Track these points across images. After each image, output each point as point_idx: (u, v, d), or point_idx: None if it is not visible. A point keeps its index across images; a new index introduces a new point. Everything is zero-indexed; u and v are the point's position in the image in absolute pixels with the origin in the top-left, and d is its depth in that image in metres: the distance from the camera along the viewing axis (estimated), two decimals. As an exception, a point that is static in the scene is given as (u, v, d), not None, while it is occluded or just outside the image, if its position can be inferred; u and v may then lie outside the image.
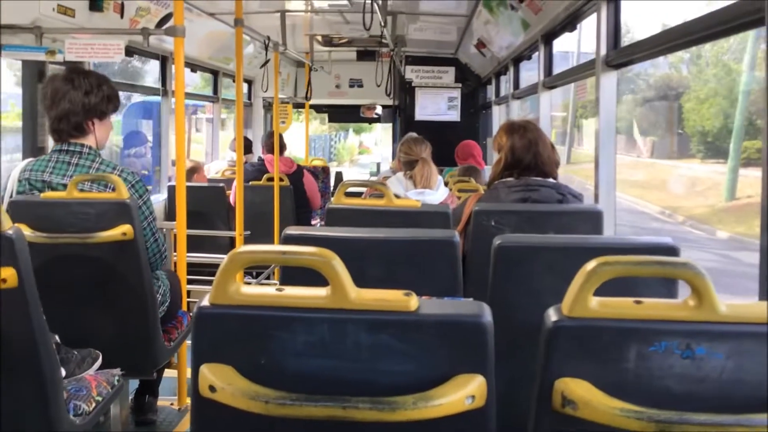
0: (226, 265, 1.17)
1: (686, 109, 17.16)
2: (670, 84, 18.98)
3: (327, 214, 2.71)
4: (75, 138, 2.78)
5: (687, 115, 17.06)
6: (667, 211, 14.83)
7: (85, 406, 2.15)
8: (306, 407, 1.12)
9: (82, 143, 2.78)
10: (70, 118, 2.75)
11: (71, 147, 2.77)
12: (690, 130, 16.92)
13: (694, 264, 1.12)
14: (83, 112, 2.76)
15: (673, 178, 17.23)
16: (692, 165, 16.79)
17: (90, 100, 2.78)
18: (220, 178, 6.25)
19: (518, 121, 3.00)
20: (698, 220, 13.11)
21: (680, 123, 17.82)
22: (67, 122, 2.75)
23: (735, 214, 12.20)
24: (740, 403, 1.10)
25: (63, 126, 2.75)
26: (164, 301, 2.97)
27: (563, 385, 1.13)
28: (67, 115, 2.75)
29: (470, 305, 1.22)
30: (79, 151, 2.77)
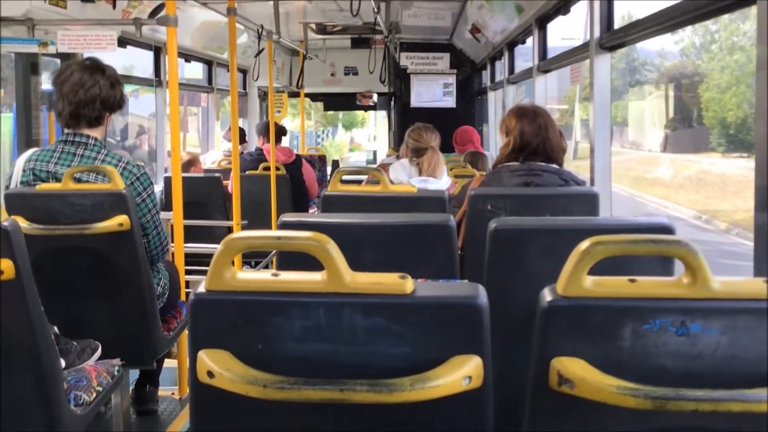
0: (221, 252, 1.18)
1: (705, 99, 16.17)
2: (684, 72, 18.17)
3: (323, 201, 2.72)
4: (86, 129, 2.78)
5: (706, 105, 16.06)
6: (704, 215, 12.86)
7: (86, 396, 2.16)
8: (304, 390, 1.13)
9: (88, 134, 2.78)
10: (92, 108, 2.76)
11: (77, 138, 2.77)
12: (710, 121, 15.91)
13: (688, 241, 1.12)
14: (102, 105, 2.78)
15: (699, 175, 15.47)
16: (713, 159, 15.21)
17: (112, 93, 2.81)
18: (216, 168, 6.25)
19: (528, 105, 3.00)
20: (745, 227, 10.66)
21: (697, 114, 16.81)
22: (88, 110, 2.76)
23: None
24: (735, 379, 1.11)
25: (83, 113, 2.76)
26: (164, 292, 2.98)
27: (559, 364, 1.13)
28: (89, 104, 2.75)
29: (465, 287, 1.22)
30: (85, 142, 2.77)
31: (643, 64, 20.84)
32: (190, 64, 6.28)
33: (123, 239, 2.59)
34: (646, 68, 20.88)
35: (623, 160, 19.10)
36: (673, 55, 17.97)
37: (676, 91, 18.83)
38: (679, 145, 18.93)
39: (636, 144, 21.16)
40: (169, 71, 3.31)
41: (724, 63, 15.18)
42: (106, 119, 2.85)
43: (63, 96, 2.77)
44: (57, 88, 2.80)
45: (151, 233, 2.80)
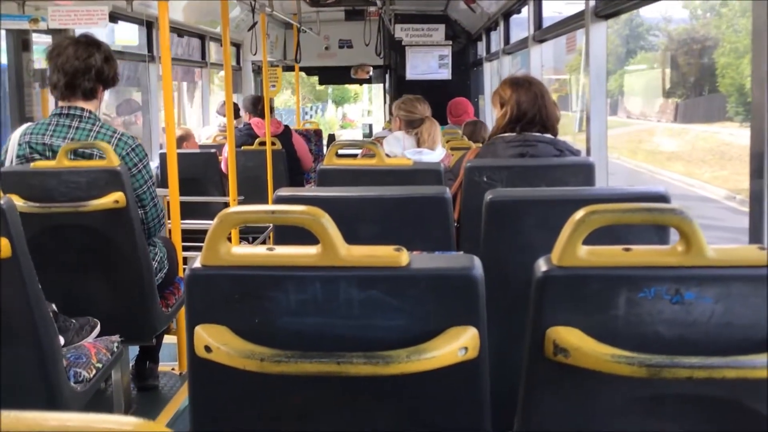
0: (216, 227, 1.17)
1: (720, 64, 15.42)
2: (695, 37, 17.42)
3: (319, 175, 2.71)
4: (80, 101, 2.78)
5: (722, 71, 15.27)
6: (737, 195, 11.42)
7: (86, 373, 2.17)
8: (301, 364, 1.13)
9: (82, 107, 2.78)
10: (88, 78, 2.76)
11: (72, 111, 2.77)
12: (726, 88, 15.13)
13: (682, 209, 1.12)
14: (97, 78, 2.78)
15: (721, 148, 14.00)
16: (731, 129, 14.21)
17: (107, 67, 2.82)
18: (211, 144, 6.22)
19: (521, 75, 2.99)
20: None
21: (712, 81, 15.95)
22: (84, 80, 2.75)
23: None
24: (729, 346, 1.12)
25: (78, 83, 2.75)
26: (161, 268, 2.99)
27: (555, 334, 1.14)
28: (85, 73, 2.76)
29: (461, 258, 1.22)
30: (79, 114, 2.77)
31: (648, 30, 20.32)
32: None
33: (119, 216, 2.59)
34: (652, 33, 20.36)
35: (633, 132, 18.48)
36: (678, 21, 17.23)
37: (687, 57, 18.13)
38: (691, 114, 18.19)
39: (644, 114, 20.58)
40: (162, 46, 3.28)
41: (739, 26, 14.37)
42: (100, 94, 2.85)
43: (58, 68, 2.76)
44: (52, 61, 2.80)
45: (147, 204, 2.81)
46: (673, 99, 19.34)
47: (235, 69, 8.47)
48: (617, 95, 21.37)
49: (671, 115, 18.90)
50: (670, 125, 18.28)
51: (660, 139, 17.40)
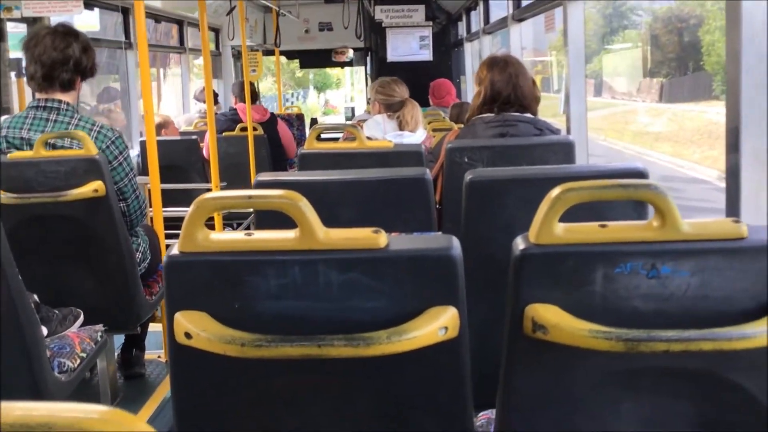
0: (193, 213, 1.17)
1: (706, 42, 15.34)
2: (680, 15, 17.34)
3: (300, 159, 2.71)
4: (57, 93, 2.74)
5: (707, 49, 15.20)
6: None
7: (70, 363, 2.17)
8: (282, 347, 1.14)
9: (60, 99, 2.74)
10: (65, 70, 2.72)
11: (49, 103, 2.73)
12: (711, 66, 15.03)
13: (657, 185, 1.13)
14: (75, 68, 2.74)
15: (709, 127, 13.85)
16: (718, 108, 13.80)
17: (85, 57, 2.77)
18: (192, 131, 6.19)
19: (500, 55, 2.97)
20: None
21: (697, 59, 15.81)
22: (61, 72, 2.71)
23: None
24: (705, 318, 1.13)
25: (56, 74, 2.71)
26: (144, 257, 2.97)
27: (533, 311, 1.15)
28: (63, 65, 2.71)
29: (439, 239, 1.23)
30: (57, 107, 2.74)
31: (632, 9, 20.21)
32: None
33: (99, 205, 2.57)
34: (636, 13, 20.26)
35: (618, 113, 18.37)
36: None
37: (671, 36, 18.03)
38: (677, 94, 18.10)
39: (629, 94, 20.47)
40: (138, 32, 3.25)
41: (723, 4, 14.34)
42: (78, 84, 2.81)
43: (35, 58, 2.72)
44: (29, 51, 2.75)
45: (129, 197, 2.79)
46: (658, 78, 19.29)
47: (214, 54, 8.41)
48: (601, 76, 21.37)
49: (656, 95, 18.88)
50: (655, 105, 18.20)
51: (646, 120, 17.32)
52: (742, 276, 1.13)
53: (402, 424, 1.27)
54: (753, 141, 1.80)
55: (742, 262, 1.12)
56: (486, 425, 1.64)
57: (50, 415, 0.40)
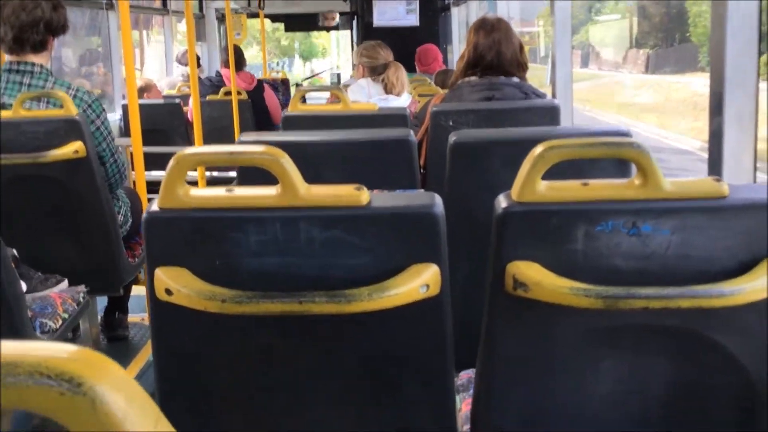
0: (173, 168, 1.16)
1: (693, 13, 15.36)
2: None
3: (283, 122, 2.68)
4: (31, 55, 2.68)
5: (694, 20, 15.25)
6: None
7: (52, 323, 2.16)
8: (263, 304, 1.13)
9: (33, 62, 2.69)
10: (36, 31, 2.65)
11: (22, 66, 2.68)
12: (698, 38, 15.06)
13: (639, 143, 1.13)
14: (45, 28, 2.67)
15: (694, 99, 13.72)
16: (705, 80, 14.24)
17: (56, 16, 2.69)
18: (176, 94, 6.12)
19: (490, 18, 2.93)
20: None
21: (683, 31, 15.82)
22: (32, 34, 2.65)
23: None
24: (685, 276, 1.14)
25: (27, 36, 2.65)
26: (126, 220, 2.95)
27: (515, 269, 1.15)
28: (33, 27, 2.64)
29: (422, 196, 1.23)
30: (30, 70, 2.68)
31: (621, -21, 20.08)
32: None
33: (80, 166, 2.54)
34: (625, -17, 20.12)
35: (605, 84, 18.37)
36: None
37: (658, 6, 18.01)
38: (662, 65, 18.11)
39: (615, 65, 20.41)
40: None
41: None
42: (51, 44, 2.75)
43: (4, 20, 2.66)
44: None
45: (108, 160, 2.76)
46: (645, 49, 19.25)
47: (198, 17, 8.29)
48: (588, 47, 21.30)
49: (643, 66, 18.84)
50: (642, 76, 18.18)
51: (632, 91, 17.31)
52: (722, 234, 1.13)
53: (383, 381, 1.28)
54: (736, 103, 1.81)
55: (723, 220, 1.13)
56: (467, 384, 1.65)
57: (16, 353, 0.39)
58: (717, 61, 1.90)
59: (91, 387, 0.39)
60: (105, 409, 0.39)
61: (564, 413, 1.26)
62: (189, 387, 1.30)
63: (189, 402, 1.31)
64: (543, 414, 1.26)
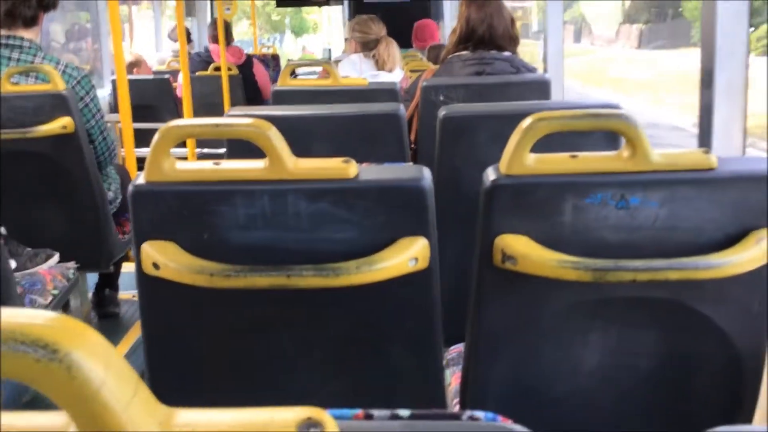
0: (158, 141, 1.15)
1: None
2: None
3: (273, 96, 2.66)
4: (20, 29, 2.65)
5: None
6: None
7: (41, 300, 2.15)
8: (250, 277, 1.13)
9: (22, 36, 2.65)
10: (28, 5, 2.61)
11: (11, 41, 2.64)
12: (690, 13, 15.12)
13: (628, 114, 1.13)
14: (38, 4, 2.64)
15: (689, 75, 14.51)
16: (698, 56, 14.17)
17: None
18: (165, 70, 6.07)
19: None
20: (759, 135, 7.77)
21: (676, 6, 15.87)
22: (24, 8, 2.61)
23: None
24: (673, 249, 1.14)
25: (19, 11, 2.61)
26: (116, 197, 2.94)
27: (503, 242, 1.15)
28: (24, 1, 2.60)
29: (410, 169, 1.22)
30: (19, 45, 2.65)
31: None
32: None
33: (68, 142, 2.52)
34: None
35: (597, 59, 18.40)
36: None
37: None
38: (655, 40, 18.11)
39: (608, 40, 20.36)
40: (106, -35, 3.15)
41: None
42: (41, 20, 2.72)
43: None
44: None
45: (96, 138, 2.74)
46: (638, 24, 19.21)
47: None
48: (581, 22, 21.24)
49: (635, 41, 18.82)
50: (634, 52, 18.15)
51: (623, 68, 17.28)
52: (710, 207, 1.13)
53: (372, 356, 1.28)
54: (726, 76, 1.80)
55: (711, 192, 1.13)
56: (457, 358, 1.65)
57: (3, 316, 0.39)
58: (708, 36, 1.89)
59: (67, 354, 0.38)
60: (81, 375, 0.38)
61: (552, 385, 1.27)
62: (178, 361, 1.30)
63: (178, 376, 1.31)
64: (531, 386, 1.27)
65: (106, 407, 0.39)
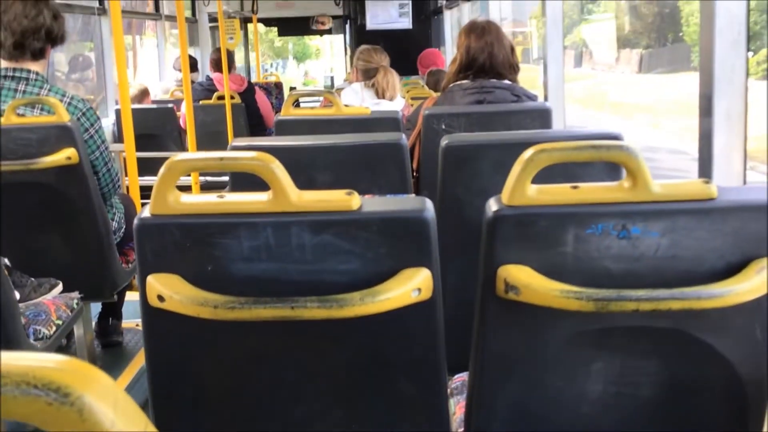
0: (164, 174, 1.16)
1: (686, 12, 15.64)
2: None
3: (276, 126, 2.69)
4: (28, 62, 2.68)
5: (686, 19, 15.53)
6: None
7: (45, 330, 2.16)
8: (255, 309, 1.14)
9: (29, 69, 2.68)
10: (37, 38, 2.64)
11: (17, 73, 2.67)
12: (690, 37, 15.34)
13: (629, 146, 1.14)
14: (46, 37, 2.67)
15: (689, 99, 14.56)
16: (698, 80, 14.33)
17: (56, 25, 2.69)
18: (168, 99, 6.12)
19: (480, 21, 2.95)
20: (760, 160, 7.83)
21: (676, 31, 16.11)
22: (32, 41, 2.64)
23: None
24: (675, 278, 1.14)
25: (28, 43, 2.64)
26: (120, 226, 2.95)
27: (506, 272, 1.16)
28: (34, 33, 2.63)
29: (412, 201, 1.23)
30: (26, 77, 2.67)
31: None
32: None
33: (72, 173, 2.54)
34: (617, -19, 20.24)
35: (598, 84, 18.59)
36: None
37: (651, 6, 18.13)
38: (655, 65, 18.25)
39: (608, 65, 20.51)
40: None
41: None
42: (48, 53, 2.75)
43: (4, 26, 2.65)
44: None
45: (101, 170, 2.75)
46: (638, 49, 19.38)
47: (191, 21, 8.29)
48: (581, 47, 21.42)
49: (636, 66, 18.98)
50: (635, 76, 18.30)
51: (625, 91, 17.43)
52: (711, 236, 1.14)
53: (376, 386, 1.29)
54: (726, 103, 1.82)
55: (711, 222, 1.14)
56: (461, 387, 1.65)
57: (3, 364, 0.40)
58: (706, 62, 1.91)
59: (79, 397, 0.39)
60: (92, 418, 0.39)
61: (556, 414, 1.27)
62: (182, 392, 1.30)
63: (182, 407, 1.31)
64: (535, 415, 1.27)
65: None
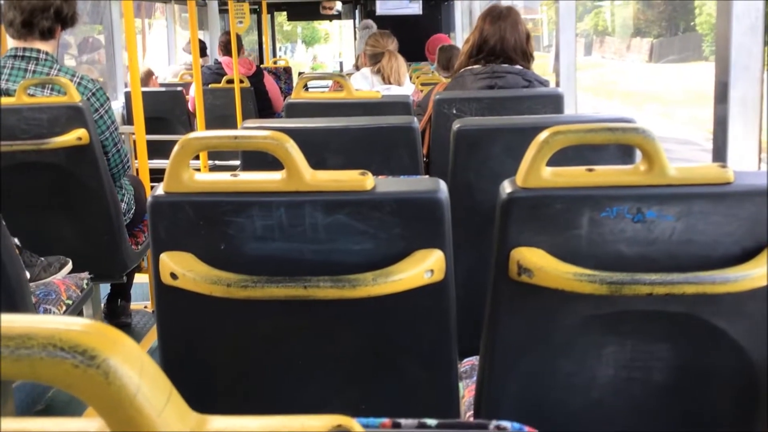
0: (178, 152, 1.16)
1: (697, 2, 15.47)
2: None
3: (287, 109, 2.68)
4: (37, 41, 2.67)
5: (699, 8, 15.34)
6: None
7: (56, 309, 2.17)
8: (267, 288, 1.14)
9: (39, 48, 2.67)
10: (46, 17, 2.63)
11: (27, 53, 2.66)
12: (702, 26, 15.12)
13: (644, 128, 1.13)
14: (56, 15, 2.66)
15: (700, 87, 13.44)
16: (710, 69, 13.88)
17: (66, 5, 2.68)
18: (178, 82, 6.11)
19: (500, 6, 2.93)
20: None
21: (688, 20, 15.86)
22: (42, 19, 2.63)
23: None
24: (689, 262, 1.14)
25: (36, 21, 2.63)
26: (129, 208, 2.96)
27: (519, 255, 1.15)
28: (43, 11, 2.62)
29: (426, 182, 1.23)
30: (36, 57, 2.67)
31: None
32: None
33: (83, 153, 2.54)
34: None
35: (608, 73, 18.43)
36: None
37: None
38: (666, 54, 18.09)
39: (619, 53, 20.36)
40: (122, -21, 3.19)
41: None
42: (58, 33, 2.74)
43: (14, 4, 2.64)
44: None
45: (110, 150, 2.75)
46: (649, 38, 19.20)
47: (200, 5, 8.27)
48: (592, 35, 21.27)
49: (646, 55, 18.81)
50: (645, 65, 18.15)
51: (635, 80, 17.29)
52: (727, 220, 1.13)
53: (387, 367, 1.29)
54: (741, 90, 1.80)
55: (727, 206, 1.13)
56: (470, 371, 1.65)
57: (30, 326, 0.40)
58: (722, 49, 1.90)
59: (105, 360, 0.39)
60: (118, 381, 0.39)
61: (567, 398, 1.26)
62: (194, 371, 1.30)
63: (194, 385, 1.31)
64: (546, 399, 1.27)
65: (141, 412, 0.39)
